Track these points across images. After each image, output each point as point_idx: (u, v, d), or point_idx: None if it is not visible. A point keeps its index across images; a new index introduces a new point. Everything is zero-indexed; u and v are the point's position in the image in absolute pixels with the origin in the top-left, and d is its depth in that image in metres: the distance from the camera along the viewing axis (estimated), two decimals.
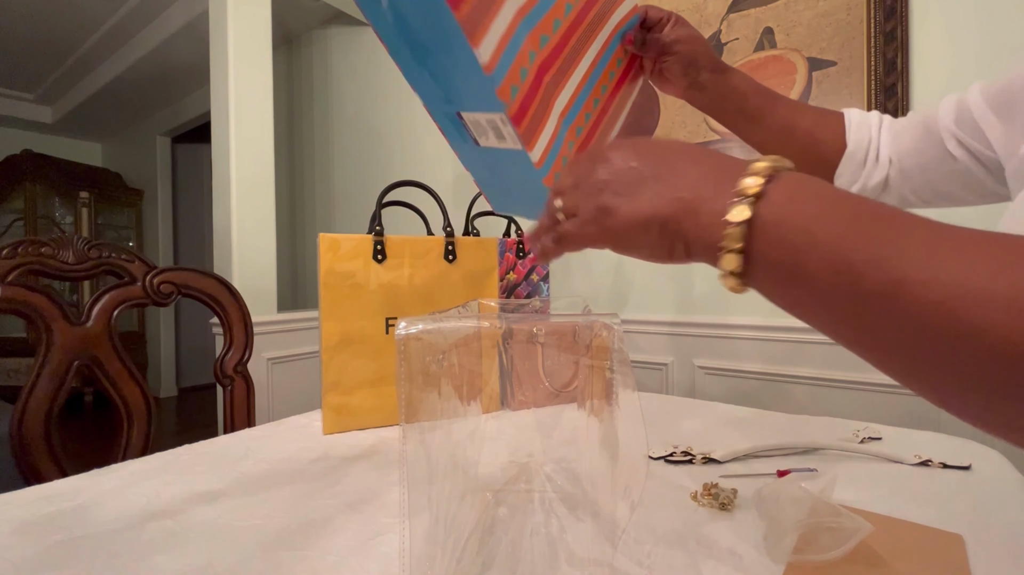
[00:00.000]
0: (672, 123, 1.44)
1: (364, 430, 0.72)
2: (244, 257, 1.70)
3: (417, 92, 0.35)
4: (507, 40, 0.30)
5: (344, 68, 2.36)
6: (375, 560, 0.38)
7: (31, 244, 0.71)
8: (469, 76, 0.30)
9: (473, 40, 0.28)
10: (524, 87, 0.32)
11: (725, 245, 0.22)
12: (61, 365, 0.71)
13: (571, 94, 0.38)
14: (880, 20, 1.13)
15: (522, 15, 0.31)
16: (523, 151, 0.34)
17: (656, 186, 0.25)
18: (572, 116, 0.38)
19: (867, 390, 1.11)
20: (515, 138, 0.33)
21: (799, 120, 0.57)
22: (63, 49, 3.04)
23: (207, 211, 4.24)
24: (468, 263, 0.79)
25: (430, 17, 0.28)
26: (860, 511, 0.41)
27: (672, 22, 0.53)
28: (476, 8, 0.28)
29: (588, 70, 0.40)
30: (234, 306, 0.87)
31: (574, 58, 0.38)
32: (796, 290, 0.21)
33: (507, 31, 0.30)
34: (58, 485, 0.53)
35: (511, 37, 0.30)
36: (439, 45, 0.29)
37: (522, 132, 0.33)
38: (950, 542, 0.39)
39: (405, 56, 0.32)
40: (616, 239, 0.27)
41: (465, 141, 0.36)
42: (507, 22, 0.30)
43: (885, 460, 0.56)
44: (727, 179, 0.23)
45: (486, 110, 0.32)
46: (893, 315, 0.18)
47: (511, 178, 0.38)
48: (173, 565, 0.37)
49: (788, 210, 0.21)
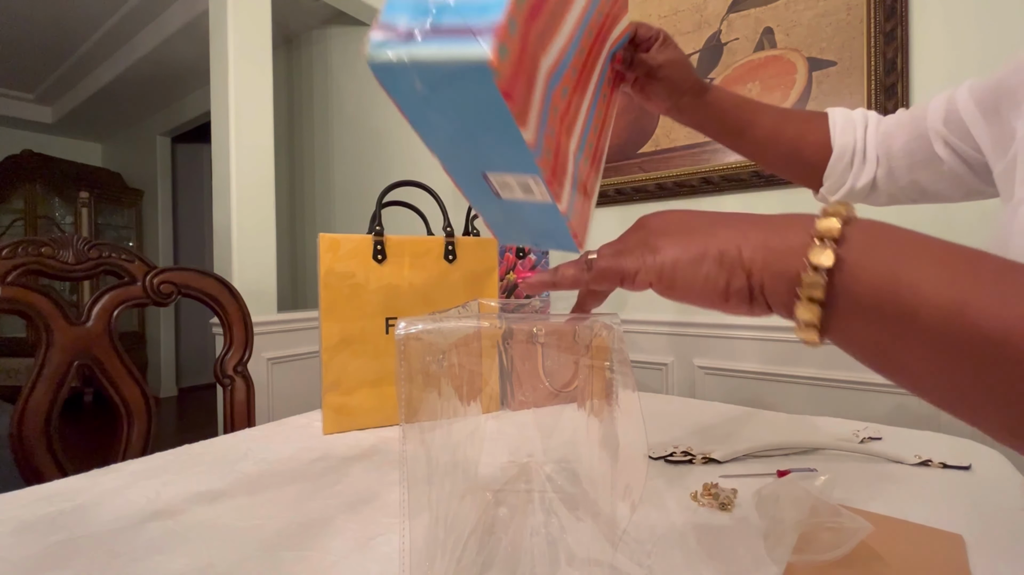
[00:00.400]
0: (672, 122, 1.44)
1: (364, 430, 0.72)
2: (244, 257, 1.70)
3: (436, 155, 0.32)
4: (542, 109, 0.28)
5: (344, 68, 2.36)
6: (375, 560, 0.38)
7: (31, 244, 0.71)
8: (505, 148, 0.28)
9: (521, 123, 0.26)
10: (554, 146, 0.31)
11: (804, 293, 0.20)
12: (61, 365, 0.71)
13: (580, 130, 0.37)
14: (880, 20, 1.13)
15: (549, 76, 0.28)
16: (550, 203, 0.33)
17: (711, 230, 0.24)
18: (582, 149, 0.38)
19: (867, 390, 1.11)
20: (546, 194, 0.32)
21: (784, 128, 0.57)
22: (63, 49, 3.04)
23: (207, 211, 4.24)
24: (468, 263, 0.79)
25: (474, 103, 0.25)
26: (860, 511, 0.41)
27: (660, 42, 0.52)
28: (523, 92, 0.26)
29: (591, 100, 0.39)
30: (234, 306, 0.87)
31: (583, 96, 0.37)
32: (890, 339, 0.19)
33: (541, 100, 0.28)
34: (58, 485, 0.53)
35: (543, 104, 0.28)
36: (476, 125, 0.27)
37: (553, 190, 0.32)
38: (950, 542, 0.39)
39: (432, 131, 0.29)
40: (662, 273, 0.24)
41: (484, 194, 0.35)
42: (541, 90, 0.28)
43: (885, 460, 0.56)
44: (797, 223, 0.21)
45: (518, 172, 0.30)
46: (1002, 362, 0.17)
47: (529, 219, 0.37)
48: (173, 565, 0.37)
49: (872, 253, 0.20)
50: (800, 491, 0.40)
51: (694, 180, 1.39)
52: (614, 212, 1.56)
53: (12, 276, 0.68)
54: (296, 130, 2.61)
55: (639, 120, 1.50)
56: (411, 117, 0.28)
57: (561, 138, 0.32)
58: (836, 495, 0.48)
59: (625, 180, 1.53)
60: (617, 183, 1.54)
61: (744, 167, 1.32)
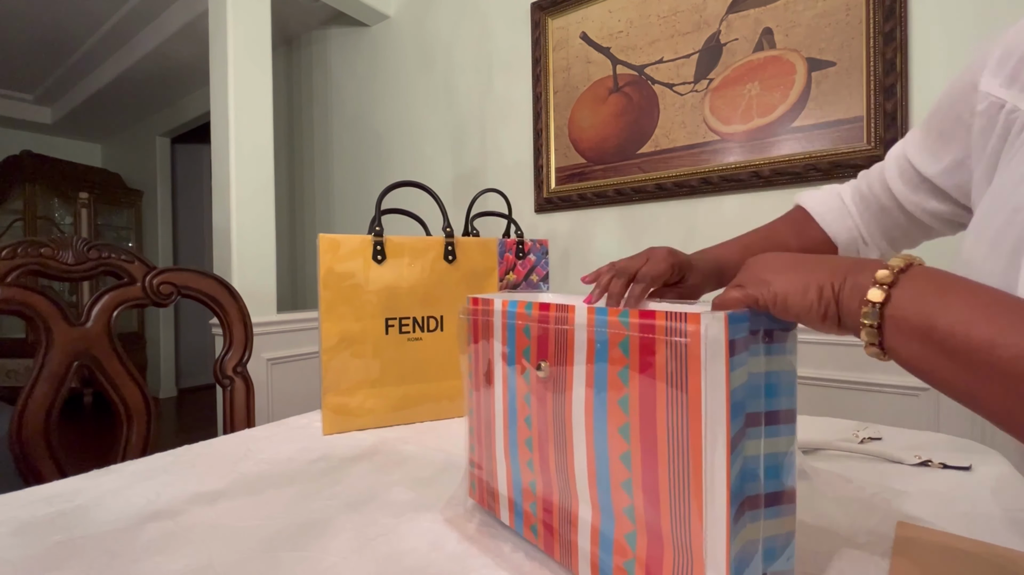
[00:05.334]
0: (672, 123, 1.44)
1: (364, 430, 0.72)
2: (244, 257, 1.70)
3: None
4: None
5: (344, 68, 2.36)
6: (375, 560, 0.38)
7: (31, 245, 0.71)
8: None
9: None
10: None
11: (864, 320, 0.28)
12: (61, 366, 0.71)
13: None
14: (879, 20, 1.13)
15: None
16: None
17: (808, 266, 0.31)
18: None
19: (867, 390, 1.11)
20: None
21: (773, 240, 0.60)
22: (63, 49, 3.04)
23: (207, 211, 4.24)
24: (468, 263, 0.79)
25: None
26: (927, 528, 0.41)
27: (667, 267, 0.49)
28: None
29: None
30: (234, 306, 0.87)
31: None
32: (934, 361, 0.26)
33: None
34: (58, 486, 0.53)
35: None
36: None
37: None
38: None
39: None
40: (776, 299, 0.31)
41: None
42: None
43: (885, 460, 0.56)
44: (868, 268, 0.29)
45: None
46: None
47: None
48: (173, 565, 0.37)
49: (914, 293, 0.27)
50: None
51: (693, 180, 1.39)
52: (614, 212, 1.57)
53: (12, 277, 0.68)
54: (296, 130, 2.61)
55: (639, 120, 1.50)
56: None
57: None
58: (836, 495, 0.48)
59: (625, 180, 1.53)
60: (617, 183, 1.54)
61: (743, 167, 1.32)
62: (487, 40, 1.86)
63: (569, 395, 0.34)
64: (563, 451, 0.35)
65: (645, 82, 1.48)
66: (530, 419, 0.38)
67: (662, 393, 0.28)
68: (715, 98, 1.36)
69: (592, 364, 0.32)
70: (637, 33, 1.49)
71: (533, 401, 0.38)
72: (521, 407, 0.39)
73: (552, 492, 0.37)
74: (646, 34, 1.48)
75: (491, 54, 1.85)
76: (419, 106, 2.07)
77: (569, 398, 0.34)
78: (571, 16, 1.63)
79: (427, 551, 0.39)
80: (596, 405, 0.32)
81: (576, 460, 0.34)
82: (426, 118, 2.05)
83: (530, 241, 0.95)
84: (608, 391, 0.31)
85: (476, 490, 0.45)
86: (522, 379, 0.39)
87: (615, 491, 0.32)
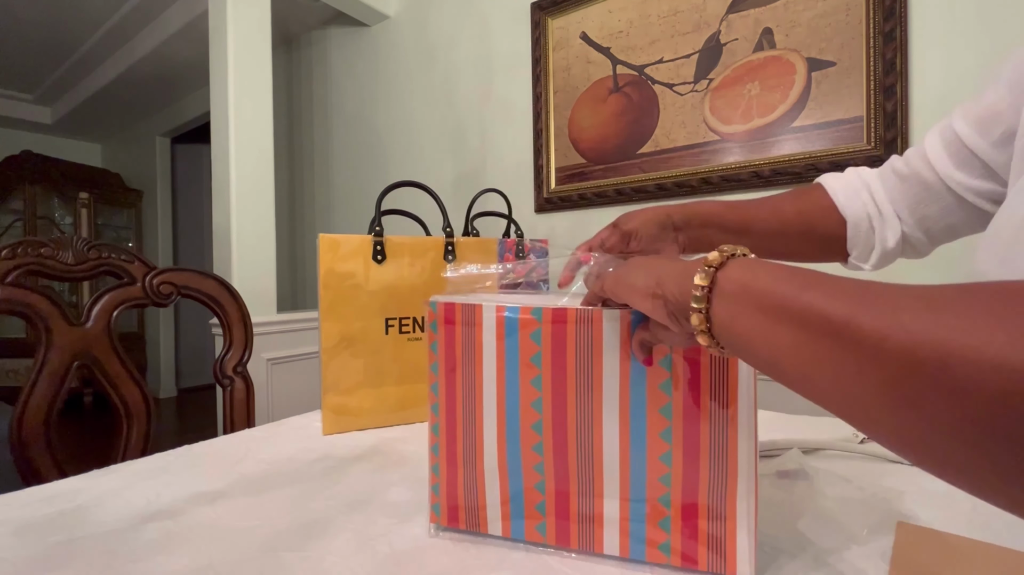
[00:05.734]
0: (672, 123, 1.44)
1: (364, 430, 0.72)
2: (244, 257, 1.70)
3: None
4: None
5: (343, 68, 2.36)
6: (375, 560, 0.38)
7: (30, 245, 0.71)
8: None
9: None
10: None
11: (693, 306, 0.27)
12: (61, 366, 0.71)
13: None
14: (879, 20, 1.13)
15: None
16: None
17: (646, 269, 0.33)
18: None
19: None
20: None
21: (783, 213, 0.58)
22: (63, 49, 3.04)
23: (207, 211, 4.24)
24: (468, 263, 0.79)
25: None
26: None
27: (618, 238, 0.56)
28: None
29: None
30: (234, 306, 0.87)
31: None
32: (748, 341, 0.25)
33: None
34: (58, 486, 0.53)
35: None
36: None
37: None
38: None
39: None
40: (629, 301, 0.33)
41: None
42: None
43: (885, 460, 0.56)
44: (697, 263, 0.28)
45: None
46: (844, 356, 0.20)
47: None
48: (173, 565, 0.37)
49: (740, 271, 0.26)
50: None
51: (694, 180, 1.39)
52: (614, 212, 1.56)
53: (12, 277, 0.68)
54: (296, 130, 2.61)
55: (639, 120, 1.50)
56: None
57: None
58: (836, 495, 0.48)
59: (625, 180, 1.53)
60: (617, 183, 1.54)
61: (744, 167, 1.32)
62: (487, 40, 1.86)
63: (599, 393, 0.37)
64: (588, 436, 0.38)
65: (645, 82, 1.48)
66: (540, 424, 0.38)
67: (707, 368, 0.35)
68: (715, 98, 1.36)
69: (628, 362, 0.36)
70: (637, 33, 1.50)
71: (546, 403, 0.38)
72: (526, 414, 0.39)
73: (569, 481, 0.38)
74: (646, 34, 1.48)
75: (491, 54, 1.85)
76: (419, 106, 2.07)
77: (599, 395, 0.37)
78: (571, 16, 1.63)
79: (427, 551, 0.39)
80: (634, 382, 0.36)
81: (606, 436, 0.37)
82: (426, 118, 2.05)
83: (530, 241, 0.95)
84: (648, 379, 0.36)
85: (444, 513, 0.42)
86: (530, 385, 0.39)
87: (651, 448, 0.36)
